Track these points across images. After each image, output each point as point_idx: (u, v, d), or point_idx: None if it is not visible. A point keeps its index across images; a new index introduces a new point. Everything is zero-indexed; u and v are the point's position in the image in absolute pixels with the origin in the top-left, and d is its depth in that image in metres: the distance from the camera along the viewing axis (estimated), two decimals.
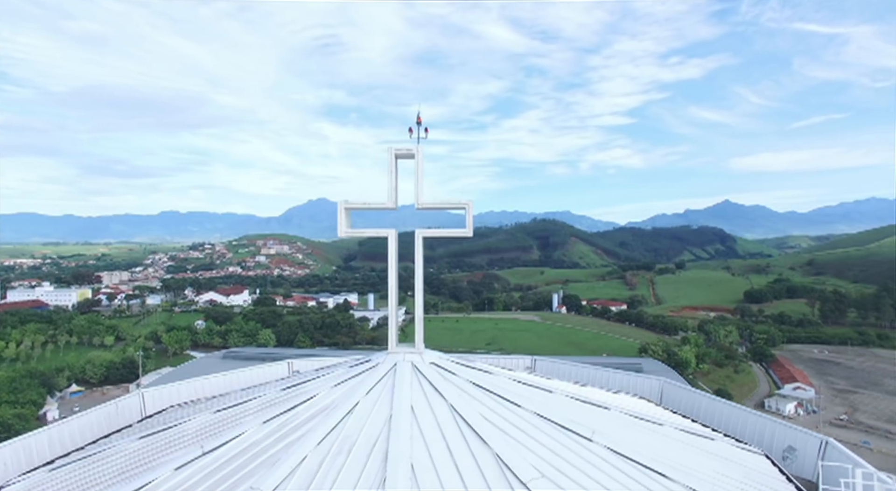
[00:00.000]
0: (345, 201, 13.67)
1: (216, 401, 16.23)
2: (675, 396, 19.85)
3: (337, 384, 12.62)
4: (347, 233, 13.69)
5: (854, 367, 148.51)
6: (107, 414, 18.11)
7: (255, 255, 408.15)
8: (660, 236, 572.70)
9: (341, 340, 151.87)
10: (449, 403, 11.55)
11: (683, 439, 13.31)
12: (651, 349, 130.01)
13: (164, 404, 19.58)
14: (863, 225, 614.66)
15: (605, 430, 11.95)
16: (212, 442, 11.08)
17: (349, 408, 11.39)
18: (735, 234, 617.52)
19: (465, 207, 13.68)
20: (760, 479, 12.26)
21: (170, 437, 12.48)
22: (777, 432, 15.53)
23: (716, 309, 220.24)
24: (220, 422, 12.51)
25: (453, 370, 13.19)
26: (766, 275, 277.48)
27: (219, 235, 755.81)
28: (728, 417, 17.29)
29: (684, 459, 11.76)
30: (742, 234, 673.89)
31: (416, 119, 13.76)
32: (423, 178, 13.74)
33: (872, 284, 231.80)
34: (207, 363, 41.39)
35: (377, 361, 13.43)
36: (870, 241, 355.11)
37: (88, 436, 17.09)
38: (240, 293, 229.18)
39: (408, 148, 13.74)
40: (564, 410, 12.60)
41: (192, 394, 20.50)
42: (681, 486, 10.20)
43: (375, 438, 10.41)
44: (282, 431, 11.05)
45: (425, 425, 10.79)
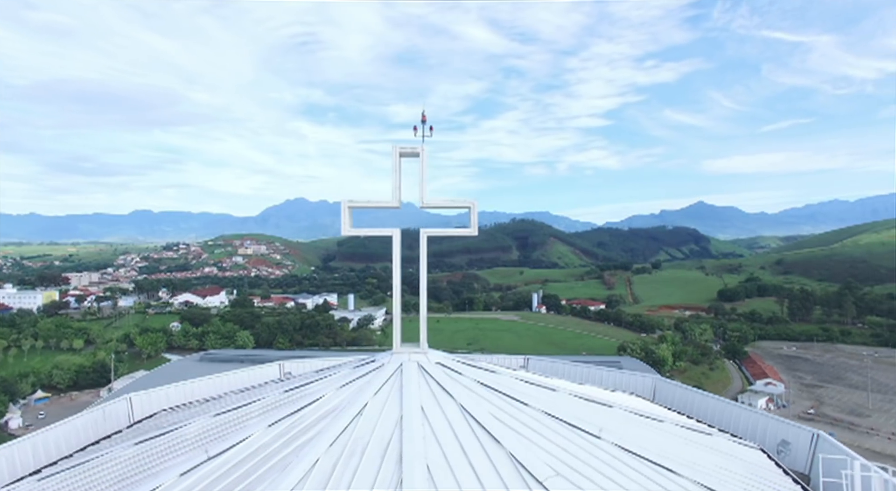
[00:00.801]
0: (349, 200, 13.49)
1: (211, 404, 15.83)
2: (668, 392, 20.24)
3: (343, 385, 12.44)
4: (351, 232, 13.53)
5: (820, 362, 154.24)
6: (93, 420, 17.47)
7: (231, 255, 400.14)
8: (636, 237, 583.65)
9: (321, 341, 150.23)
10: (458, 403, 11.52)
11: (684, 435, 13.57)
12: (630, 348, 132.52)
13: (153, 409, 19.00)
14: (826, 226, 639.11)
15: (611, 427, 12.09)
16: (216, 446, 10.79)
17: (358, 409, 11.24)
18: (709, 235, 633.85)
19: (470, 207, 13.68)
20: (760, 472, 12.59)
21: (169, 442, 12.11)
22: (770, 427, 15.98)
23: (691, 308, 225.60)
24: (222, 425, 12.20)
25: (459, 370, 13.16)
26: (738, 274, 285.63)
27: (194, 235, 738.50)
28: (721, 413, 17.71)
29: (688, 455, 11.99)
30: (715, 235, 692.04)
31: (421, 117, 13.68)
32: (426, 178, 13.67)
33: (836, 282, 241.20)
34: (184, 366, 40.47)
35: (382, 362, 13.30)
36: (833, 242, 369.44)
37: (75, 443, 16.45)
38: (216, 294, 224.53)
39: (412, 147, 13.65)
40: (570, 408, 12.70)
41: (182, 397, 19.95)
42: (690, 481, 10.39)
43: (388, 440, 10.30)
44: (290, 434, 10.84)
45: (437, 426, 10.73)
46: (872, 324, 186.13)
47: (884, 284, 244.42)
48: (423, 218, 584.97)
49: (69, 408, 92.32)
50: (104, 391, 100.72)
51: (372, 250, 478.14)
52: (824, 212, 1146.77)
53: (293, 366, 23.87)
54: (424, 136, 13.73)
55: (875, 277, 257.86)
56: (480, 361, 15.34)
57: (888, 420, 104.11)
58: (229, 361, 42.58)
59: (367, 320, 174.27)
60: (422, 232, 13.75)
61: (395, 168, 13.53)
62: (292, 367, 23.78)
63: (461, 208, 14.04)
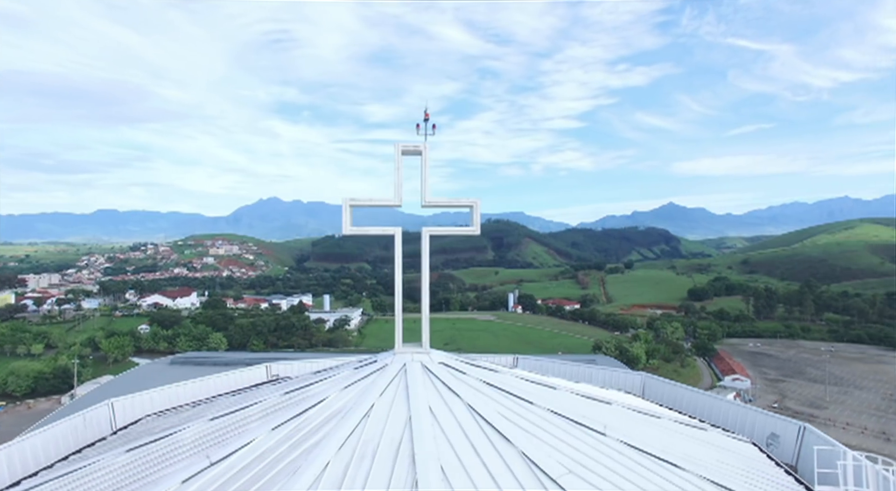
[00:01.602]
0: (350, 199, 13.27)
1: (203, 408, 15.32)
2: (657, 389, 20.66)
3: (347, 386, 12.22)
4: (352, 231, 13.30)
5: (783, 358, 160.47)
6: (73, 427, 16.66)
7: (202, 255, 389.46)
8: (609, 237, 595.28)
9: (296, 343, 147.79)
10: (466, 403, 11.46)
11: (681, 430, 13.86)
12: (604, 346, 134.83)
13: (137, 414, 18.27)
14: (788, 227, 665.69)
15: (614, 424, 12.24)
16: (218, 452, 10.44)
17: (365, 410, 11.06)
18: (679, 235, 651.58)
19: (472, 206, 13.64)
20: (755, 465, 12.97)
21: (164, 448, 11.65)
22: (758, 421, 16.48)
23: (662, 307, 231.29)
24: (221, 430, 11.81)
25: (463, 369, 13.10)
26: (706, 273, 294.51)
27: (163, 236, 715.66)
28: (710, 408, 18.18)
29: (688, 450, 12.24)
30: (685, 235, 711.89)
31: (424, 116, 13.57)
32: (428, 177, 13.57)
33: (797, 281, 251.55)
34: (154, 369, 39.24)
35: (385, 362, 13.12)
36: (794, 242, 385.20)
37: (54, 453, 15.65)
38: (187, 296, 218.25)
39: (415, 145, 13.53)
40: (573, 405, 12.80)
41: (167, 402, 19.26)
42: (694, 476, 10.61)
43: (398, 441, 10.16)
44: (296, 437, 10.57)
45: (447, 426, 10.65)
46: (830, 321, 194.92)
47: (839, 282, 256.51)
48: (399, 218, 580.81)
49: (27, 417, 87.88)
50: (65, 398, 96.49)
51: (347, 251, 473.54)
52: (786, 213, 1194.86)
53: (280, 368, 23.36)
54: (427, 135, 13.62)
55: (832, 276, 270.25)
56: (479, 360, 15.32)
57: (843, 411, 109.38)
58: (202, 364, 41.41)
59: (343, 321, 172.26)
60: (424, 231, 13.65)
61: (397, 166, 13.38)
62: (279, 369, 23.27)
63: (462, 208, 13.98)
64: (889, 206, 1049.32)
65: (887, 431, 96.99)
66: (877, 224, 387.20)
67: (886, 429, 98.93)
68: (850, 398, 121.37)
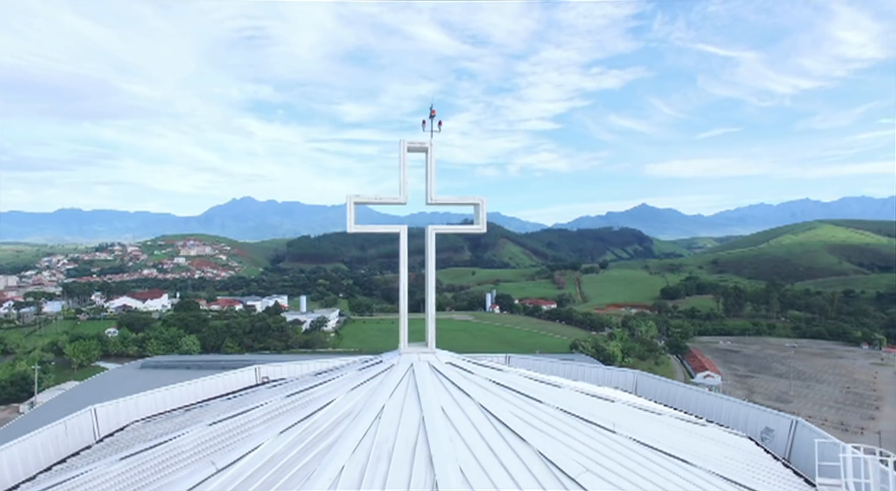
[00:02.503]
0: (355, 196, 12.99)
1: (196, 413, 14.77)
2: (650, 386, 20.98)
3: (354, 388, 11.93)
4: (356, 229, 13.03)
5: (751, 354, 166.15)
6: (54, 436, 15.80)
7: (173, 256, 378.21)
8: (584, 237, 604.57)
9: (272, 345, 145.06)
10: (478, 403, 11.34)
11: (683, 427, 14.07)
12: (581, 345, 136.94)
13: (122, 421, 17.48)
14: (754, 227, 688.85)
15: (621, 421, 12.32)
16: (224, 457, 10.03)
17: (376, 412, 10.81)
18: (651, 236, 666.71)
19: (479, 204, 13.54)
20: (756, 459, 13.26)
21: (162, 455, 11.15)
22: (751, 415, 16.88)
23: (636, 306, 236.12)
24: (223, 435, 11.37)
25: (470, 369, 12.99)
26: (678, 273, 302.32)
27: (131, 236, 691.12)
28: (703, 404, 18.54)
29: (693, 446, 12.42)
30: (657, 236, 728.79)
31: (430, 112, 13.40)
32: (434, 175, 13.40)
33: (763, 280, 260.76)
34: (124, 374, 37.95)
35: (392, 362, 12.88)
36: (760, 242, 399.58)
37: (34, 465, 14.75)
38: (158, 297, 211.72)
39: (420, 141, 13.34)
40: (580, 403, 12.83)
41: (153, 407, 18.50)
42: (704, 471, 10.75)
43: (413, 442, 9.96)
44: (306, 441, 10.25)
45: (461, 426, 10.50)
46: (793, 318, 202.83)
47: (802, 281, 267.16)
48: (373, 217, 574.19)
49: None
50: (24, 406, 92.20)
51: (323, 251, 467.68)
52: (752, 215, 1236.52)
53: (270, 370, 22.78)
54: (433, 131, 13.45)
55: (795, 275, 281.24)
56: (482, 359, 15.22)
57: (806, 405, 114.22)
58: (175, 368, 40.15)
59: (320, 322, 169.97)
60: (429, 229, 13.47)
61: (402, 163, 13.17)
62: (269, 371, 22.69)
63: (468, 205, 13.87)
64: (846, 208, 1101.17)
65: (845, 422, 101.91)
66: (835, 225, 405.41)
67: (844, 420, 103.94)
68: (813, 392, 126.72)
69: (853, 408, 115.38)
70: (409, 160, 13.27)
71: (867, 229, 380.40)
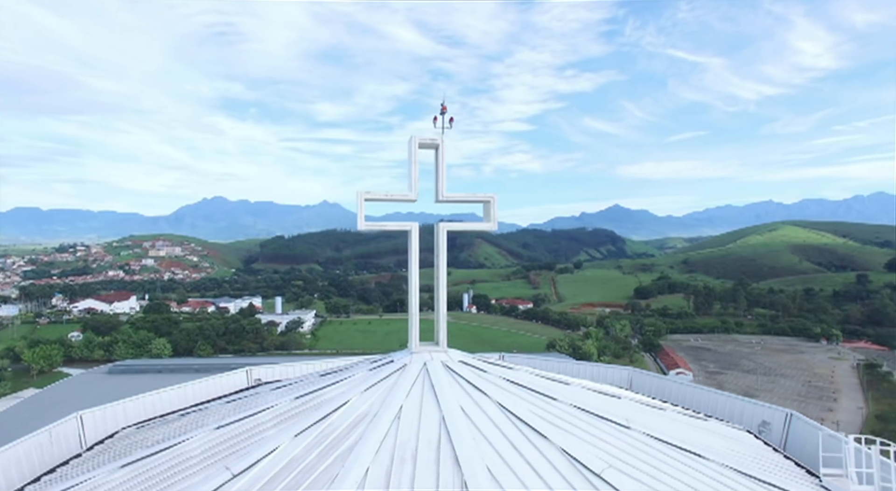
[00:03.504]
0: (366, 192, 12.74)
1: (196, 417, 14.21)
2: (645, 382, 21.33)
3: (368, 388, 11.68)
4: (367, 226, 12.79)
5: (720, 351, 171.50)
6: (38, 445, 14.95)
7: (141, 257, 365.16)
8: (559, 238, 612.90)
9: (247, 347, 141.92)
10: (496, 401, 11.26)
11: (687, 421, 14.32)
12: (558, 344, 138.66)
13: (110, 428, 16.69)
14: (722, 228, 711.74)
15: (633, 417, 12.45)
16: (238, 462, 9.66)
17: (395, 412, 10.61)
18: (624, 236, 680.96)
19: (490, 201, 13.48)
20: (759, 452, 13.61)
21: (168, 461, 10.66)
22: (746, 409, 17.33)
23: (611, 305, 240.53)
24: (232, 439, 10.96)
25: (483, 368, 12.90)
26: (651, 273, 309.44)
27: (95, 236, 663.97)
28: (699, 399, 18.95)
29: (701, 439, 12.64)
30: (630, 236, 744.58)
31: (441, 108, 13.26)
32: (445, 172, 13.27)
33: (731, 279, 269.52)
34: (90, 380, 36.47)
35: (404, 362, 12.68)
36: (727, 242, 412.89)
37: (17, 477, 13.95)
38: (126, 299, 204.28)
39: (431, 138, 13.19)
40: (591, 400, 12.90)
41: (142, 413, 17.74)
42: (718, 464, 10.94)
43: (437, 442, 9.81)
44: (324, 443, 9.96)
45: (482, 425, 10.40)
46: (759, 316, 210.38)
47: (766, 279, 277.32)
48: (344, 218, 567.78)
49: None
50: None
51: (297, 252, 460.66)
52: (720, 216, 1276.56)
53: (262, 372, 22.19)
54: (444, 128, 13.31)
55: (759, 274, 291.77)
56: (492, 358, 15.16)
57: (772, 398, 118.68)
58: (146, 372, 38.81)
59: (296, 324, 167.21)
60: (441, 226, 13.32)
61: (413, 160, 12.99)
62: (261, 373, 22.10)
63: (478, 202, 13.79)
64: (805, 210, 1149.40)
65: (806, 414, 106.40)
66: (796, 226, 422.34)
67: (806, 412, 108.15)
68: (778, 386, 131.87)
69: (814, 400, 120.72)
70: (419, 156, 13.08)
71: (825, 230, 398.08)
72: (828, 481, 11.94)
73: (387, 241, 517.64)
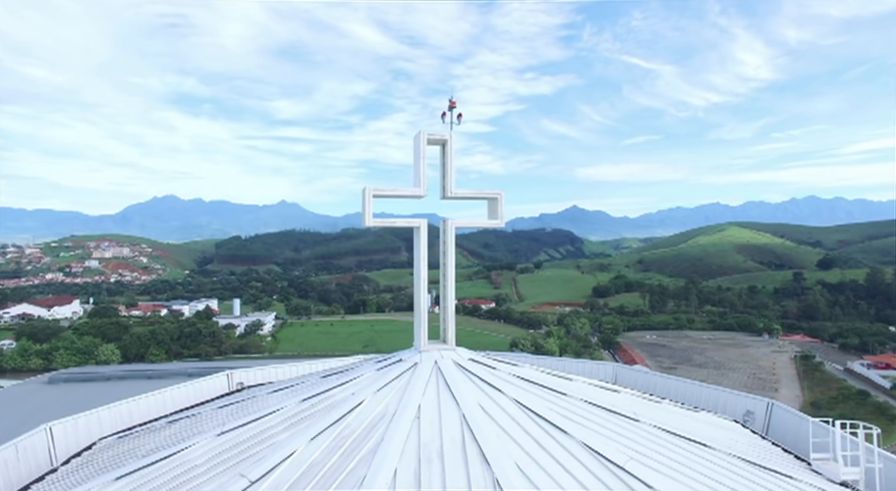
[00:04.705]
0: (374, 188, 12.43)
1: (187, 424, 13.40)
2: (630, 377, 21.94)
3: (380, 388, 11.38)
4: (374, 223, 12.49)
5: (674, 347, 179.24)
6: (3, 461, 13.68)
7: (84, 259, 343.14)
8: (519, 238, 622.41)
9: (204, 351, 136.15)
10: (511, 398, 11.23)
11: (683, 413, 14.80)
12: (521, 343, 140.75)
13: (84, 440, 15.50)
14: (674, 229, 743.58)
15: (639, 410, 12.74)
16: (254, 469, 9.19)
17: (414, 412, 10.38)
18: (582, 237, 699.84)
19: (497, 198, 13.46)
20: (752, 440, 14.24)
21: (171, 472, 10.00)
22: (730, 400, 18.12)
23: (570, 304, 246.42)
24: (240, 445, 10.41)
25: (494, 365, 12.86)
26: (608, 272, 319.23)
27: (29, 236, 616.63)
28: (683, 392, 19.65)
29: (701, 430, 13.09)
30: (587, 236, 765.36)
31: (449, 104, 13.12)
32: (453, 168, 13.15)
33: (683, 277, 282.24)
34: (27, 391, 33.68)
35: (414, 361, 12.44)
36: (679, 243, 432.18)
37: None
38: (67, 304, 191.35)
39: (441, 134, 13.02)
40: (597, 395, 13.10)
41: (119, 422, 16.58)
42: (724, 453, 11.36)
43: (461, 441, 9.66)
44: (344, 446, 9.62)
45: (502, 422, 10.34)
46: (709, 312, 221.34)
47: (715, 278, 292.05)
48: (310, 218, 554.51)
49: None
50: None
51: (254, 252, 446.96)
52: (672, 217, 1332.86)
53: (244, 375, 21.28)
54: (453, 124, 13.19)
55: (709, 273, 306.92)
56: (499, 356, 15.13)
57: None
58: (92, 381, 36.40)
59: (255, 326, 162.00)
60: (449, 223, 13.18)
61: (422, 156, 12.79)
62: (244, 376, 21.19)
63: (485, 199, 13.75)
64: (749, 212, 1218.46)
65: None
66: (740, 227, 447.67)
67: None
68: (726, 379, 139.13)
69: (758, 391, 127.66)
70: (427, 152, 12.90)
71: (765, 231, 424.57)
72: (817, 465, 12.64)
73: (347, 242, 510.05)
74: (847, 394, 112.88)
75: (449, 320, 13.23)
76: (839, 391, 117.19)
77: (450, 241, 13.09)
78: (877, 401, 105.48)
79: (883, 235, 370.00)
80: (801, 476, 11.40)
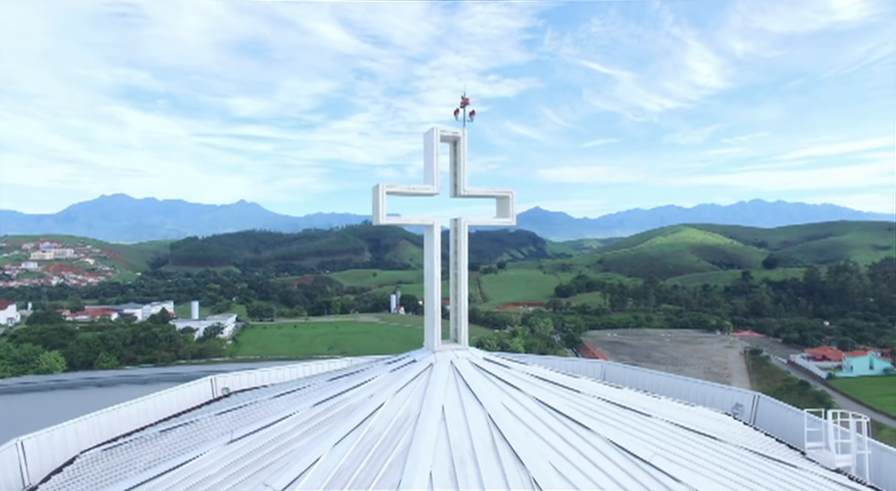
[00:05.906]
0: (388, 185, 12.12)
1: (185, 432, 12.63)
2: (618, 373, 22.41)
3: (399, 390, 11.08)
4: (388, 220, 12.17)
5: (634, 345, 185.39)
6: None
7: (20, 260, 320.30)
8: (482, 239, 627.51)
9: (160, 356, 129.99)
10: (532, 396, 11.19)
11: (683, 408, 15.21)
12: (487, 343, 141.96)
13: (61, 454, 14.35)
14: (632, 230, 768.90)
15: (648, 406, 12.99)
16: (276, 478, 8.73)
17: (439, 413, 10.16)
18: (544, 237, 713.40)
19: (508, 196, 13.41)
20: (748, 432, 14.80)
21: (182, 482, 9.35)
22: (717, 394, 18.80)
23: (533, 304, 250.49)
24: (255, 453, 9.88)
25: (508, 365, 12.79)
26: (570, 272, 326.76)
27: None
28: (672, 387, 20.23)
29: (705, 423, 13.50)
30: (549, 237, 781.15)
31: (462, 101, 12.96)
32: (465, 166, 13.01)
33: (641, 277, 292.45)
34: None
35: (429, 361, 12.20)
36: (637, 243, 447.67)
37: None
38: (2, 309, 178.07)
39: (454, 130, 12.85)
40: (609, 393, 13.27)
41: (99, 434, 15.44)
42: (733, 446, 11.74)
43: (490, 441, 9.53)
44: (371, 451, 9.29)
45: (528, 421, 10.28)
46: (666, 311, 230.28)
47: (671, 277, 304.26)
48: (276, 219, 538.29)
49: None
50: None
51: (212, 253, 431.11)
52: (630, 218, 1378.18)
53: (229, 380, 20.34)
54: (465, 121, 13.04)
55: (665, 272, 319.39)
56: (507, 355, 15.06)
57: None
58: (31, 391, 34.14)
59: (215, 329, 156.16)
60: (462, 221, 13.01)
61: (435, 152, 12.58)
62: (230, 381, 20.25)
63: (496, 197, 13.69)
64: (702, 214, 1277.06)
65: None
66: (694, 228, 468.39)
67: None
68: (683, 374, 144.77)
69: None
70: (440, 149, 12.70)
71: (717, 232, 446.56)
72: (812, 453, 13.28)
73: (309, 243, 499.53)
74: (790, 385, 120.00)
75: (462, 320, 13.07)
76: (784, 382, 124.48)
77: (462, 240, 12.93)
78: (815, 390, 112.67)
79: (819, 236, 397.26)
80: (802, 464, 11.92)
